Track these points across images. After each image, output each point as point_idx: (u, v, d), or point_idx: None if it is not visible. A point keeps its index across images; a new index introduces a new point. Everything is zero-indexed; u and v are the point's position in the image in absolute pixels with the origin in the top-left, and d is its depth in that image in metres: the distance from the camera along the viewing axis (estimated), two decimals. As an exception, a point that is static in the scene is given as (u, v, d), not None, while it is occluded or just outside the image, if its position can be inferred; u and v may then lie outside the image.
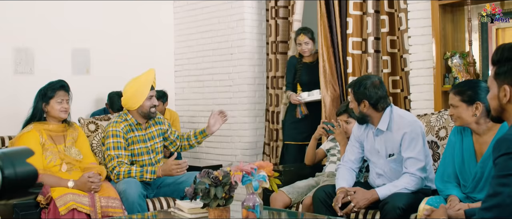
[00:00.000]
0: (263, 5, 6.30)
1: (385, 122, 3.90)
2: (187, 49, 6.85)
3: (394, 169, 3.90)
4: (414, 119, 3.95)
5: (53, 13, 6.03)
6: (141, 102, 4.40)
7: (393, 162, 3.90)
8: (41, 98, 4.18)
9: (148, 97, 4.43)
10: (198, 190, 3.17)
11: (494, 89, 2.38)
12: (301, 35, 5.63)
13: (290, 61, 5.89)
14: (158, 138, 4.59)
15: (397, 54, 5.23)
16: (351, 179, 4.02)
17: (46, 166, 4.06)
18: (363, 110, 3.91)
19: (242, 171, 3.05)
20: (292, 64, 5.83)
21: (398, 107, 4.08)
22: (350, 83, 4.14)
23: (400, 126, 3.85)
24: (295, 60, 5.81)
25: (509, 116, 2.35)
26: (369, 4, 5.24)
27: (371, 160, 4.06)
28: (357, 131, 4.14)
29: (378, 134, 3.95)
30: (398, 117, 3.91)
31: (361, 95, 3.90)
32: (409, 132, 3.81)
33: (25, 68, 5.83)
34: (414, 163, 3.77)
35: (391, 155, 3.90)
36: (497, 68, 2.35)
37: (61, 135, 4.23)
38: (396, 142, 3.86)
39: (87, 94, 6.27)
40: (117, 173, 4.24)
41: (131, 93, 4.43)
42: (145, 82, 4.44)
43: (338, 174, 4.06)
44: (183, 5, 6.90)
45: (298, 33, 5.67)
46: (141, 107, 4.43)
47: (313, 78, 5.66)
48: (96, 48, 6.36)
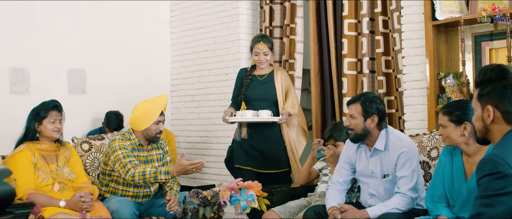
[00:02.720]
0: (258, 25, 6.32)
1: (382, 142, 3.89)
2: (183, 69, 6.87)
3: (388, 189, 3.89)
4: (410, 139, 3.95)
5: (49, 33, 6.07)
6: (148, 125, 4.40)
7: (388, 183, 3.89)
8: (34, 118, 4.19)
9: (156, 122, 4.42)
10: (187, 210, 3.17)
11: (478, 111, 2.39)
12: (260, 43, 5.07)
13: (239, 73, 5.33)
14: (157, 162, 4.57)
15: (392, 75, 5.24)
16: (341, 199, 4.00)
17: (38, 185, 4.06)
18: (370, 125, 3.87)
19: (230, 191, 3.04)
20: (239, 77, 5.28)
21: (393, 128, 4.07)
22: (354, 99, 3.99)
23: (397, 146, 3.85)
24: (244, 72, 5.27)
25: (494, 136, 2.37)
26: (364, 24, 5.27)
27: (362, 181, 4.04)
28: (348, 151, 4.11)
29: (373, 154, 3.94)
30: (394, 137, 3.91)
31: (373, 109, 3.86)
32: (406, 152, 3.80)
33: (21, 88, 5.85)
34: (406, 182, 3.76)
35: (386, 176, 3.88)
36: (481, 90, 2.37)
37: (53, 154, 4.23)
38: (392, 162, 3.85)
39: (83, 114, 6.29)
40: (132, 174, 4.19)
41: (140, 115, 4.42)
42: (156, 106, 4.43)
43: (327, 194, 4.04)
44: (179, 25, 6.94)
45: (257, 41, 5.11)
46: (147, 130, 4.42)
47: (261, 94, 5.15)
48: (92, 68, 6.39)
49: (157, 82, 6.87)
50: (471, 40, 4.77)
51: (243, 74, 5.24)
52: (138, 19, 6.80)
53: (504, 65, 2.36)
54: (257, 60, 5.12)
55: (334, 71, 5.51)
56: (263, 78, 5.19)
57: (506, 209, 2.17)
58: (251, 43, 5.18)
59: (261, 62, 5.11)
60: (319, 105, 5.69)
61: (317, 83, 5.68)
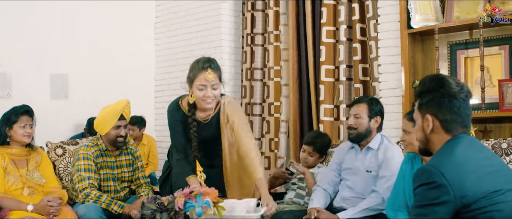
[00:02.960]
0: (239, 32, 6.35)
1: (376, 142, 4.00)
2: (167, 75, 6.89)
3: (366, 187, 3.96)
4: (400, 150, 4.02)
5: (32, 38, 6.09)
6: (107, 130, 4.41)
7: (370, 177, 3.96)
8: (5, 122, 4.21)
9: (115, 127, 4.41)
10: (144, 216, 3.18)
11: (419, 121, 2.41)
12: (208, 71, 3.68)
13: (173, 115, 3.95)
14: (127, 168, 4.57)
15: (369, 82, 5.25)
16: (324, 201, 4.07)
17: (8, 189, 4.07)
18: (373, 126, 3.99)
19: (185, 197, 3.06)
20: (175, 120, 3.91)
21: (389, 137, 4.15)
22: (360, 99, 4.08)
23: (388, 150, 3.94)
24: (182, 115, 3.91)
25: (434, 146, 2.38)
26: (341, 32, 5.28)
27: (344, 177, 4.11)
28: (339, 153, 4.22)
29: (364, 152, 4.03)
30: (388, 142, 4.02)
31: (377, 110, 4.01)
32: (392, 156, 3.89)
33: (2, 93, 5.88)
34: (384, 182, 3.83)
35: (368, 171, 3.96)
36: (421, 100, 2.38)
37: (24, 159, 4.24)
38: (378, 161, 3.94)
39: (66, 119, 6.31)
40: (87, 193, 4.23)
41: (100, 119, 4.46)
42: (114, 111, 4.44)
43: (313, 194, 4.13)
44: (164, 31, 6.98)
45: (204, 67, 3.68)
46: (107, 135, 4.43)
47: (214, 149, 3.95)
48: (75, 73, 6.42)
49: (141, 88, 6.89)
50: (446, 49, 4.79)
51: (183, 117, 3.92)
52: (122, 24, 6.82)
53: (442, 75, 2.38)
54: (202, 97, 3.72)
55: (311, 78, 5.52)
56: (211, 124, 3.93)
57: None
58: (191, 72, 3.76)
59: (207, 100, 3.74)
60: (297, 113, 5.70)
61: (295, 90, 5.69)
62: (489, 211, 2.16)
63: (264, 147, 6.01)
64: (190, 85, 3.77)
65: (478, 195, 2.16)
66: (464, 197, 2.16)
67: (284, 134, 5.73)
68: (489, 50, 4.54)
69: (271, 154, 5.95)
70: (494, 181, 2.23)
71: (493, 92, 4.53)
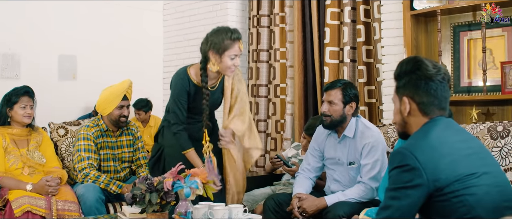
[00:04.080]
0: (246, 13, 6.34)
1: (351, 129, 3.90)
2: (175, 56, 6.91)
3: (353, 177, 3.91)
4: (377, 130, 3.96)
5: (40, 19, 6.14)
6: (111, 110, 4.46)
7: (353, 170, 3.90)
8: (6, 103, 4.27)
9: (118, 107, 4.47)
10: (135, 196, 3.22)
11: (397, 104, 2.39)
12: (240, 42, 3.84)
13: (182, 83, 3.90)
14: (127, 148, 4.63)
15: (372, 64, 5.22)
16: (307, 186, 4.02)
17: (8, 169, 4.14)
18: (348, 112, 3.86)
19: (173, 177, 3.08)
20: (184, 88, 3.88)
21: (364, 119, 4.06)
22: (333, 85, 3.92)
23: (364, 135, 3.86)
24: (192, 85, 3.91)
25: (411, 129, 2.37)
26: (345, 13, 5.25)
27: (329, 167, 4.05)
28: (317, 138, 4.11)
29: (342, 141, 3.95)
30: (363, 126, 3.91)
31: (353, 96, 3.87)
32: (372, 142, 3.81)
33: (11, 74, 5.95)
34: (368, 170, 3.78)
35: (351, 163, 3.90)
36: (398, 82, 2.37)
37: (24, 139, 4.31)
38: (358, 150, 3.87)
39: (74, 100, 6.37)
40: (86, 173, 4.29)
41: (102, 100, 4.50)
42: (118, 91, 4.49)
43: (295, 182, 4.07)
44: (172, 13, 6.98)
45: (237, 37, 3.82)
46: (110, 115, 4.48)
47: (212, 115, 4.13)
48: (83, 54, 6.47)
49: (150, 70, 6.93)
50: (449, 30, 4.74)
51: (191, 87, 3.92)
52: (131, 5, 6.84)
53: (419, 57, 2.36)
54: (232, 65, 3.83)
55: (316, 60, 5.50)
56: (215, 89, 4.04)
57: (412, 202, 2.17)
58: (222, 41, 3.78)
59: (232, 68, 3.85)
60: (302, 95, 5.68)
61: (300, 72, 5.67)
62: (462, 194, 2.14)
63: (270, 128, 6.01)
64: (218, 53, 3.78)
65: (451, 179, 2.15)
66: (437, 180, 2.15)
67: (290, 115, 5.72)
68: (492, 32, 4.49)
69: (277, 136, 5.94)
70: (470, 164, 2.21)
71: (497, 75, 4.48)
